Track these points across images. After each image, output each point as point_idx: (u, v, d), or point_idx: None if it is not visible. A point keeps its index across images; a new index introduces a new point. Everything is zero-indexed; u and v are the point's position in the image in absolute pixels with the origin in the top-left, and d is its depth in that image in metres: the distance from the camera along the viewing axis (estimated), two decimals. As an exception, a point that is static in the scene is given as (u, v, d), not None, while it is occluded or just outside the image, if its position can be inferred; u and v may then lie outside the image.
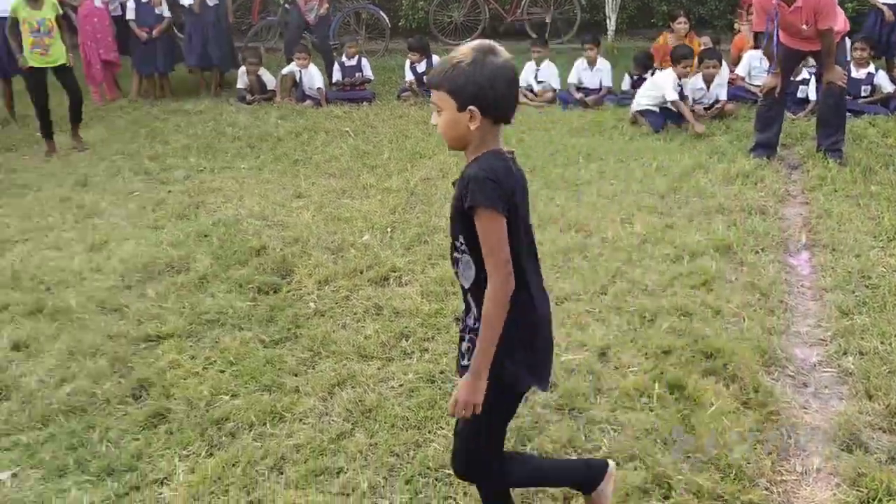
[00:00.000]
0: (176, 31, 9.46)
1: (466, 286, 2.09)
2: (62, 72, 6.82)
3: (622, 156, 6.16)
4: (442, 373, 3.32)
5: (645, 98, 7.01)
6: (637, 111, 7.05)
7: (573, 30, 11.04)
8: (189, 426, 3.04)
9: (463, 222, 1.99)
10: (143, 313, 3.94)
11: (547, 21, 11.04)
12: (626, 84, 8.03)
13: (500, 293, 1.94)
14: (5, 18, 7.71)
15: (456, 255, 2.10)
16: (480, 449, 2.19)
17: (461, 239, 2.03)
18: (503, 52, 1.98)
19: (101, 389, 3.29)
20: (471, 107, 1.93)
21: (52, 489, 2.74)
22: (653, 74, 7.58)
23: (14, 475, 2.82)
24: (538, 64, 8.18)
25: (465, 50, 1.97)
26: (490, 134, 1.99)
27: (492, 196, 1.90)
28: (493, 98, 1.94)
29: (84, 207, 5.50)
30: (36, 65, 6.64)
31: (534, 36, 10.80)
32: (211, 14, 8.87)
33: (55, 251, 4.75)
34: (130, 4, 8.71)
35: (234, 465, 2.81)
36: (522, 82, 8.29)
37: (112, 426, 3.06)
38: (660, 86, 6.93)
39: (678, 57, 7.05)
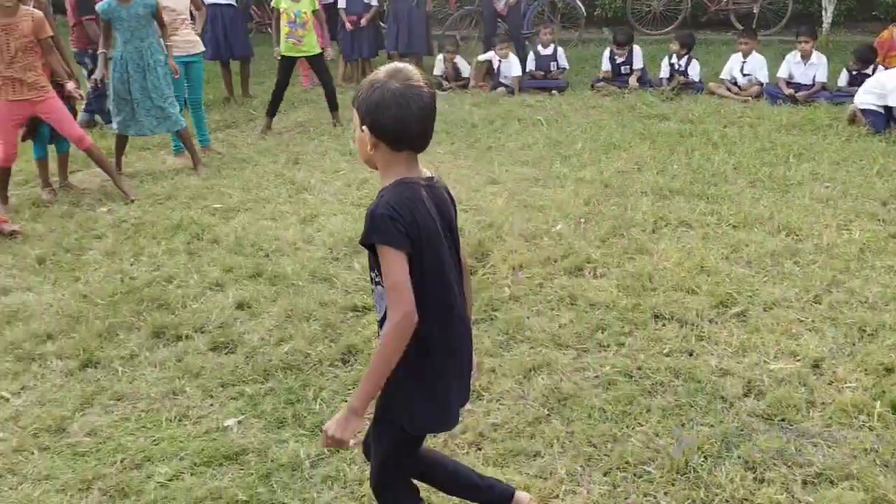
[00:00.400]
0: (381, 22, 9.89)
1: (378, 318, 2.03)
2: (316, 61, 7.34)
3: (838, 157, 5.75)
4: (640, 369, 3.28)
5: (868, 95, 6.48)
6: (857, 109, 6.53)
7: (783, 21, 10.38)
8: (393, 394, 3.20)
9: (373, 255, 1.93)
10: (350, 285, 4.18)
11: (754, 11, 10.45)
12: (843, 80, 7.48)
13: (395, 330, 1.85)
14: (226, 5, 8.44)
15: (372, 285, 2.05)
16: (380, 479, 2.19)
17: (375, 270, 1.97)
18: (416, 78, 1.88)
19: (314, 351, 3.54)
20: (363, 127, 1.90)
21: (272, 439, 2.98)
22: (874, 71, 6.99)
23: (239, 422, 3.10)
24: (745, 56, 7.78)
25: (380, 70, 1.92)
26: (395, 161, 1.92)
27: (387, 233, 1.84)
28: (382, 123, 1.86)
29: (296, 183, 5.90)
30: (289, 54, 7.20)
31: (739, 27, 10.30)
32: (411, 2, 9.18)
33: (272, 221, 5.14)
34: (342, -8, 9.20)
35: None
36: (726, 74, 7.94)
37: (325, 386, 3.29)
38: (886, 86, 6.37)
39: (910, 54, 6.45)
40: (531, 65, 8.66)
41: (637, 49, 8.35)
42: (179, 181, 6.01)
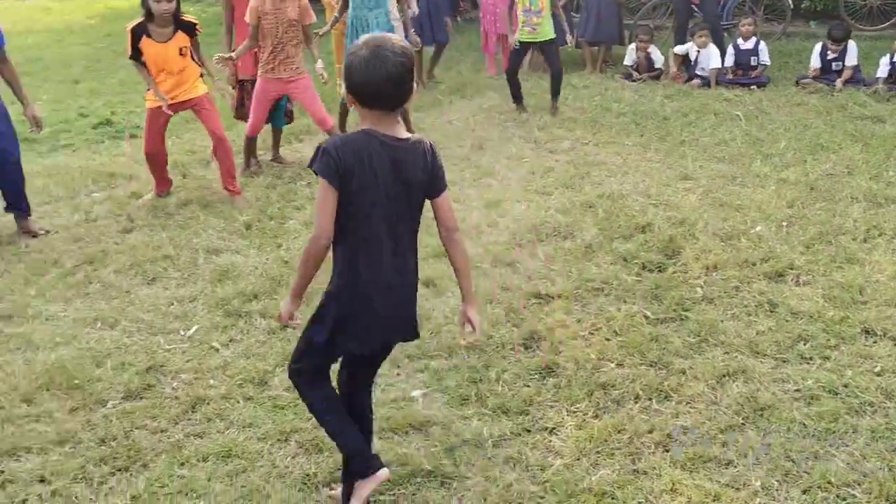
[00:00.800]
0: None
1: None
2: (547, 47, 7.40)
3: None
4: (846, 386, 3.05)
5: None
6: None
7: None
8: (577, 385, 3.16)
9: None
10: (534, 272, 4.18)
11: None
12: None
13: (307, 247, 2.25)
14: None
15: None
16: (293, 357, 2.48)
17: None
18: (386, 46, 2.12)
19: (497, 334, 3.57)
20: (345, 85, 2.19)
21: (455, 414, 3.04)
22: None
23: (424, 395, 3.19)
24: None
25: (360, 39, 2.19)
26: (366, 115, 2.21)
27: (322, 165, 2.15)
28: (352, 85, 2.16)
29: (481, 168, 5.97)
30: (524, 40, 7.29)
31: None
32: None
33: (457, 204, 5.18)
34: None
35: (619, 431, 2.87)
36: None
37: (507, 369, 3.31)
38: None
39: None
40: (730, 59, 8.21)
41: (852, 45, 7.69)
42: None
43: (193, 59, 5.24)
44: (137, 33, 5.08)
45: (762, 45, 8.18)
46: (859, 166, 5.43)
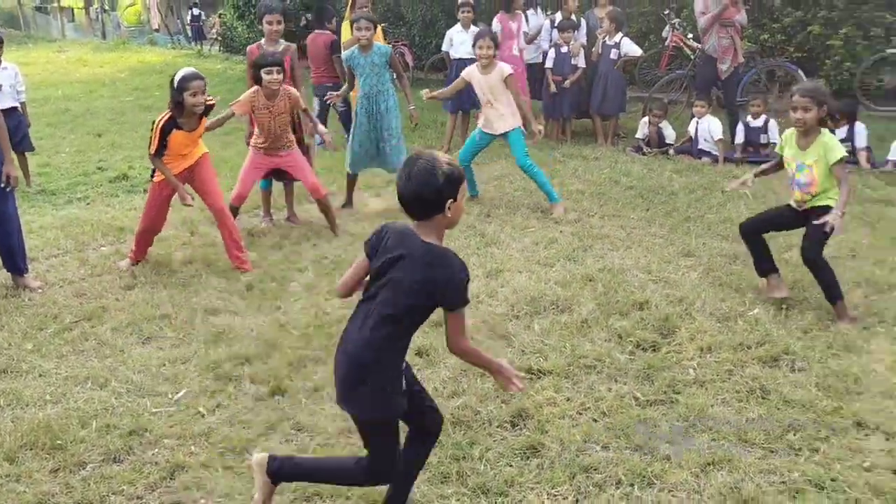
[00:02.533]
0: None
1: None
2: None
3: None
4: (834, 480, 2.98)
5: None
6: None
7: None
8: (560, 467, 3.12)
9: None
10: (528, 345, 4.17)
11: None
12: None
13: None
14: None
15: None
16: None
17: None
18: (428, 160, 2.42)
19: (484, 410, 3.55)
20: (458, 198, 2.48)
21: (435, 492, 3.01)
22: None
23: (405, 469, 3.15)
24: None
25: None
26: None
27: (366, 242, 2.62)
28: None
29: (486, 236, 6.00)
30: None
31: None
32: (608, 64, 9.11)
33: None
34: (551, 54, 9.32)
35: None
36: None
37: (491, 447, 3.28)
38: None
39: None
40: (740, 136, 8.28)
41: (860, 126, 7.74)
42: (379, 223, 6.28)
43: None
44: (167, 130, 4.96)
45: (772, 122, 8.25)
46: (864, 250, 5.41)
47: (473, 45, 6.61)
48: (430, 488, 3.03)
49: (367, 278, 2.60)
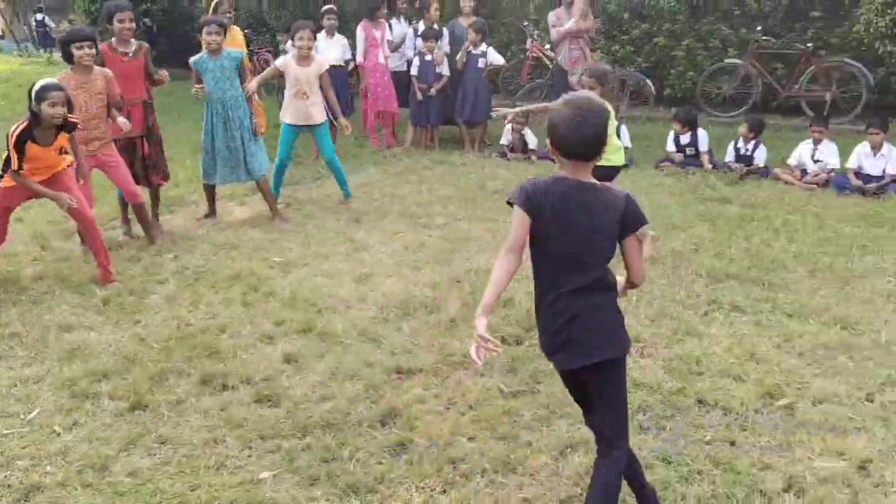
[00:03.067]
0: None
1: None
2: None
3: (905, 252, 5.60)
4: (679, 454, 3.22)
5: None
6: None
7: (856, 111, 10.25)
8: (428, 460, 3.21)
9: None
10: (398, 346, 4.24)
11: (827, 99, 10.36)
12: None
13: (496, 260, 2.61)
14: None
15: None
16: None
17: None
18: (590, 103, 2.49)
19: (354, 411, 3.59)
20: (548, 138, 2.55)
21: (304, 495, 3.02)
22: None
23: (274, 476, 3.15)
24: (816, 144, 7.71)
25: (560, 98, 2.58)
26: (563, 164, 2.53)
27: (517, 195, 2.53)
28: (555, 137, 2.50)
29: (355, 242, 6.04)
30: None
31: (809, 113, 10.21)
32: (475, 73, 9.38)
33: (327, 278, 5.27)
34: (416, 62, 9.49)
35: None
36: (793, 160, 7.86)
37: (361, 447, 3.32)
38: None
39: None
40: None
41: (702, 132, 8.36)
42: (243, 232, 6.23)
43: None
44: (22, 140, 4.73)
45: (623, 128, 8.72)
46: (705, 244, 5.84)
47: (293, 38, 6.85)
48: (300, 491, 3.04)
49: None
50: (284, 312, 4.65)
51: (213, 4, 8.88)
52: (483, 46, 9.33)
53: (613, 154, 5.32)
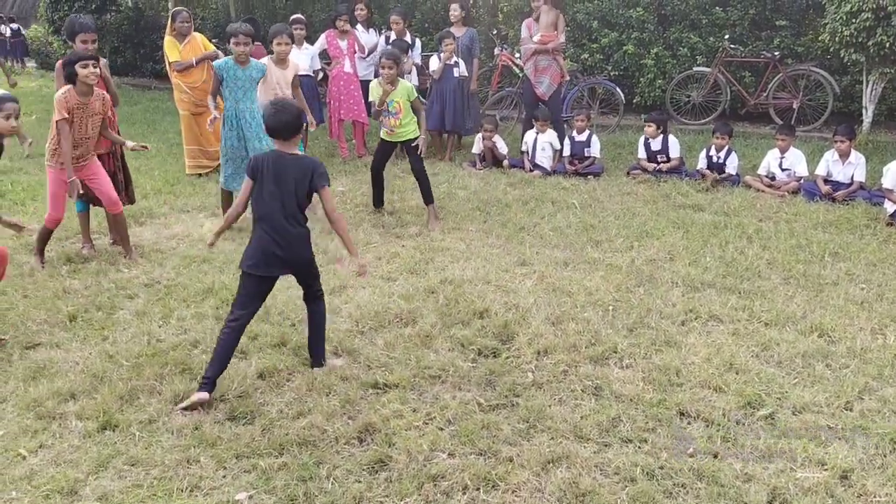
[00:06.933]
0: (421, 98, 10.08)
1: None
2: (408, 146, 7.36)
3: (875, 258, 5.66)
4: (662, 468, 3.20)
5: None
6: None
7: (823, 118, 10.41)
8: (408, 477, 3.15)
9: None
10: (373, 360, 4.17)
11: (794, 107, 10.51)
12: (889, 181, 7.35)
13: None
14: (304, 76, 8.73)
15: None
16: None
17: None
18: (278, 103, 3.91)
19: (331, 427, 3.52)
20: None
21: (282, 516, 2.94)
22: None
23: (250, 497, 3.07)
24: (782, 152, 7.80)
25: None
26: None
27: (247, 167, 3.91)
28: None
29: (328, 253, 5.94)
30: (385, 139, 7.27)
31: (778, 121, 10.35)
32: (452, 82, 9.37)
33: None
34: (384, 71, 9.43)
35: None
36: (763, 169, 7.94)
37: (339, 464, 3.25)
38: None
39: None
40: (567, 150, 8.75)
41: (672, 139, 8.41)
42: (215, 244, 6.08)
43: None
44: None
45: (594, 138, 8.78)
46: (680, 252, 5.86)
47: (271, 41, 6.93)
48: (277, 512, 2.96)
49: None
50: (257, 327, 4.55)
51: (170, 13, 8.82)
52: (455, 58, 9.34)
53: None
